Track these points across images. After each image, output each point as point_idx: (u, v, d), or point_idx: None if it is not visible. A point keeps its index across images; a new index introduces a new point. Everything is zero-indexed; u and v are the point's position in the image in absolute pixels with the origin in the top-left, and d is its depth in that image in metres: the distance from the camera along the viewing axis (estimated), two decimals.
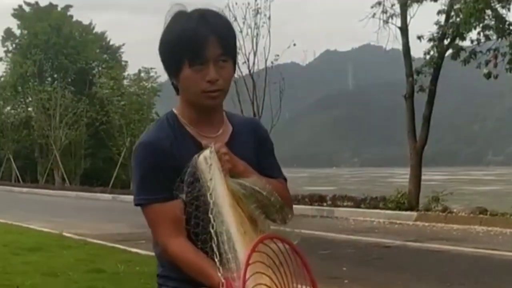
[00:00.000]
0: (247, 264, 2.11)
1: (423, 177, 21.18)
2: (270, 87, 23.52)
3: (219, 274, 2.21)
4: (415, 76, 20.62)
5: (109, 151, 45.36)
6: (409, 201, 19.98)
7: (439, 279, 10.22)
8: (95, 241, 14.82)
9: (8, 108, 55.21)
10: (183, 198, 2.38)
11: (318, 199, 22.47)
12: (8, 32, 58.60)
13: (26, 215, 22.01)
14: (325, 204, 22.14)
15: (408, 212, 19.27)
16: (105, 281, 9.64)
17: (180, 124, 2.52)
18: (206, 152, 2.37)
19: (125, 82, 47.65)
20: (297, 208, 21.21)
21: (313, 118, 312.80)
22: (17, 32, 58.35)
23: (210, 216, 2.28)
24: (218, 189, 2.32)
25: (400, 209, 19.71)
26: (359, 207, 21.01)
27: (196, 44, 2.39)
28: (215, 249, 2.25)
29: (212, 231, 2.27)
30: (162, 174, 2.42)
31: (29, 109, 52.96)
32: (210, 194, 2.30)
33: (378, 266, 11.67)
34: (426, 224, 17.90)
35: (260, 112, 23.74)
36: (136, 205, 2.51)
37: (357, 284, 9.91)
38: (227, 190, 2.34)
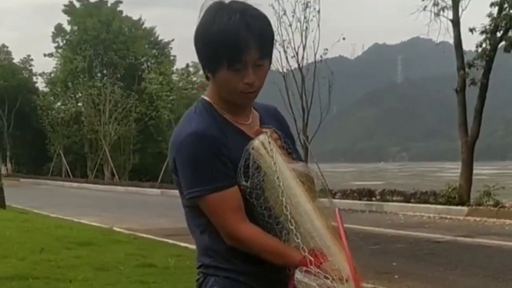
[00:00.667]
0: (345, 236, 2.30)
1: (474, 171, 20.89)
2: (319, 81, 23.41)
3: (304, 252, 2.28)
4: (466, 69, 20.33)
5: (158, 146, 45.74)
6: (460, 195, 19.74)
7: (491, 275, 10.07)
8: (144, 235, 14.93)
9: (59, 103, 55.94)
10: (245, 185, 2.37)
11: (367, 194, 22.33)
12: (59, 28, 59.40)
13: (76, 210, 22.31)
14: (374, 198, 22.00)
15: (459, 207, 19.04)
16: (156, 275, 9.67)
17: (218, 113, 2.51)
18: (261, 138, 2.40)
19: (174, 77, 47.90)
20: (346, 202, 21.16)
21: (361, 112, 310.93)
22: (68, 28, 59.15)
23: (283, 199, 2.30)
24: (285, 171, 2.36)
25: (450, 204, 19.49)
26: (409, 201, 20.81)
27: (237, 49, 2.36)
28: (294, 231, 2.30)
29: (287, 213, 2.30)
30: (218, 162, 2.39)
31: (79, 104, 53.57)
32: (278, 177, 2.33)
33: (428, 262, 11.53)
34: (477, 219, 17.66)
35: (308, 106, 23.66)
36: (193, 198, 2.43)
37: (407, 279, 9.81)
38: (292, 171, 2.38)
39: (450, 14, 20.77)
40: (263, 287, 2.46)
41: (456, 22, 20.62)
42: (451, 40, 21.01)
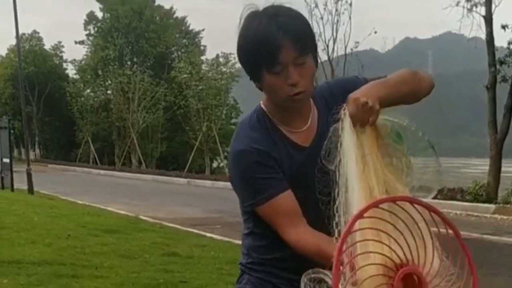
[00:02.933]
0: (347, 232, 1.96)
1: (502, 169, 20.71)
2: (349, 74, 23.31)
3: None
4: (498, 66, 20.14)
5: (186, 135, 45.80)
6: (487, 193, 19.58)
7: None
8: (170, 224, 15.02)
9: (88, 90, 56.17)
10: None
11: None
12: (91, 16, 59.63)
13: (103, 197, 22.44)
14: None
15: (486, 205, 18.89)
16: (180, 264, 9.73)
17: (272, 124, 2.50)
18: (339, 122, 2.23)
19: (203, 67, 47.96)
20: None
21: (390, 107, 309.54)
22: (100, 15, 59.34)
23: (337, 200, 2.15)
24: (346, 154, 2.17)
25: (477, 201, 19.33)
26: (435, 197, 20.63)
27: (270, 50, 2.33)
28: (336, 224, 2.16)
29: (338, 203, 2.16)
30: (265, 174, 2.41)
31: (108, 92, 53.78)
32: (336, 173, 2.18)
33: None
34: (505, 217, 17.49)
35: None
36: (249, 211, 2.52)
37: None
38: (362, 147, 2.18)
39: (482, 10, 20.60)
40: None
41: (488, 19, 20.43)
42: (483, 36, 20.83)
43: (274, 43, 2.32)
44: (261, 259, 2.56)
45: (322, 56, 23.68)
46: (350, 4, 23.67)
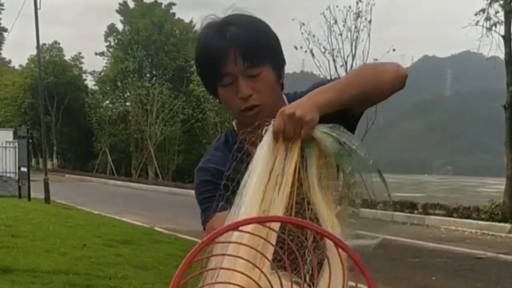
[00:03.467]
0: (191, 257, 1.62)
1: None
2: None
3: None
4: None
5: (202, 148, 45.75)
6: (503, 212, 19.51)
7: None
8: (185, 237, 15.02)
9: (107, 102, 56.52)
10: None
11: (409, 206, 22.18)
12: (112, 28, 60.02)
13: (119, 208, 22.51)
14: (416, 211, 21.84)
15: (501, 224, 18.80)
16: (195, 276, 9.72)
17: (237, 141, 2.21)
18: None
19: None
20: (387, 214, 20.98)
21: (407, 124, 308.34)
22: (120, 27, 59.72)
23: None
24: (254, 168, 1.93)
25: (493, 220, 19.26)
26: (451, 216, 20.62)
27: (215, 60, 2.17)
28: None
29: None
30: (208, 194, 2.24)
31: (127, 103, 54.07)
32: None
33: (468, 277, 11.43)
34: None
35: None
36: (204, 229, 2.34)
37: None
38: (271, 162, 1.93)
39: (502, 29, 20.59)
40: None
41: (507, 38, 20.39)
42: (502, 56, 20.80)
43: (221, 54, 2.16)
44: None
45: (341, 72, 23.68)
46: (370, 22, 23.69)
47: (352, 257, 1.53)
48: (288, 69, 2.41)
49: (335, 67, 23.74)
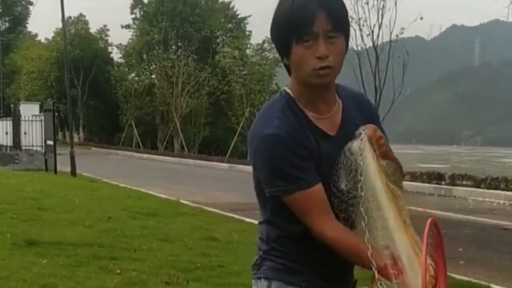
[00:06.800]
0: (426, 257, 2.08)
1: None
2: (393, 60, 23.01)
3: (385, 259, 2.20)
4: None
5: (228, 121, 45.77)
6: None
7: None
8: (210, 209, 15.00)
9: (133, 74, 56.54)
10: (343, 189, 2.33)
11: (436, 177, 21.99)
12: (137, 0, 59.81)
13: (145, 181, 22.54)
14: (443, 182, 21.64)
15: None
16: (219, 249, 9.71)
17: (299, 108, 2.44)
18: (359, 140, 2.32)
19: (248, 52, 47.82)
20: (414, 185, 20.88)
21: (435, 94, 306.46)
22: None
23: (361, 209, 2.25)
24: (372, 178, 2.26)
25: None
26: (478, 187, 20.41)
27: (304, 18, 2.30)
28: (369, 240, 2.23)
29: (363, 224, 2.24)
30: (300, 162, 2.35)
31: (153, 76, 54.07)
32: (361, 186, 2.26)
33: (495, 249, 11.29)
34: None
35: (381, 86, 23.32)
36: (274, 196, 2.42)
37: (473, 265, 9.61)
38: (382, 176, 2.28)
39: None
40: (313, 274, 2.48)
41: None
42: None
43: (310, 10, 2.30)
44: (280, 247, 2.50)
45: (367, 42, 23.40)
46: None
47: None
48: None
49: (362, 36, 23.41)
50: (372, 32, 23.35)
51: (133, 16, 60.58)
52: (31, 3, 79.45)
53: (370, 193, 2.23)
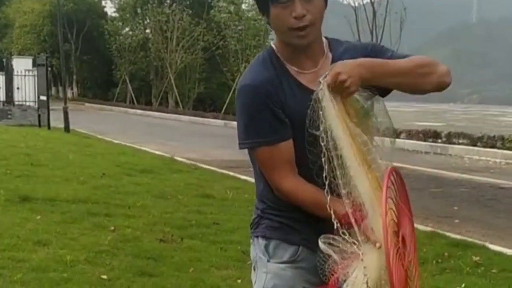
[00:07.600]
0: (386, 200, 2.10)
1: None
2: (390, 16, 22.88)
3: (346, 207, 2.21)
4: None
5: (223, 77, 45.52)
6: None
7: None
8: (205, 166, 14.98)
9: (127, 29, 55.96)
10: (316, 134, 2.29)
11: (432, 135, 21.94)
12: None
13: (139, 137, 22.51)
14: (439, 140, 21.60)
15: None
16: (213, 206, 9.73)
17: (281, 63, 2.45)
18: (318, 89, 2.30)
19: (244, 6, 47.37)
20: (410, 143, 20.86)
21: (433, 51, 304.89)
22: None
23: (323, 159, 2.24)
24: (332, 126, 2.26)
25: None
26: (475, 145, 20.37)
27: None
28: (341, 185, 2.24)
29: (324, 174, 2.23)
30: (270, 116, 2.38)
31: (147, 31, 53.60)
32: (321, 137, 2.26)
33: (491, 207, 11.27)
34: None
35: (378, 42, 23.21)
36: (243, 148, 2.48)
37: (468, 224, 9.59)
38: (343, 123, 2.26)
39: None
40: (310, 231, 2.44)
41: None
42: None
43: None
44: (275, 203, 2.50)
45: None
46: None
47: None
48: None
49: None
50: None
51: None
52: None
53: (331, 143, 2.24)
